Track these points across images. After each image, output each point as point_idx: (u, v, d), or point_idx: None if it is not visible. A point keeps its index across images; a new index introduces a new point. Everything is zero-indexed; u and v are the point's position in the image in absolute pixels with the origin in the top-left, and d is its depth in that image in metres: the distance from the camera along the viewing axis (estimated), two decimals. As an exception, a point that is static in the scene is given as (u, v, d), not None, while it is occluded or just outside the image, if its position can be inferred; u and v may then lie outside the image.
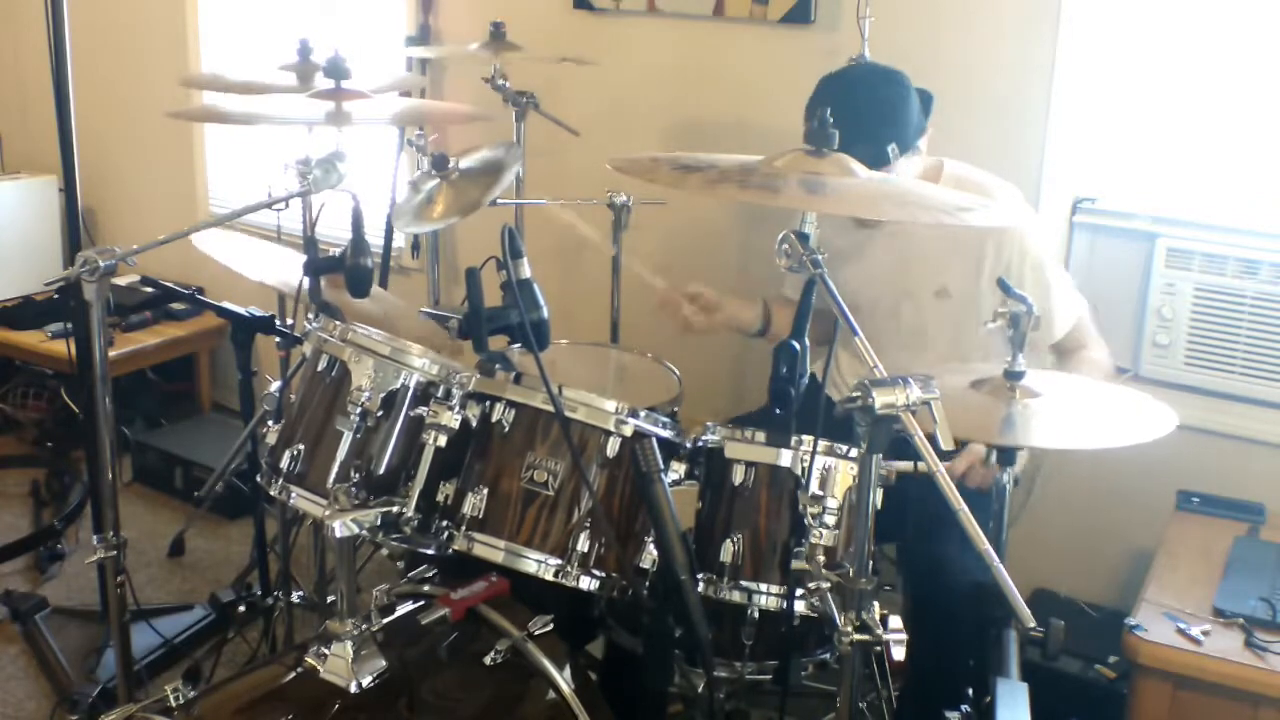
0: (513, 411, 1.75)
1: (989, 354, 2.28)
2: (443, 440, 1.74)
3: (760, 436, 1.74)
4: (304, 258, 2.07)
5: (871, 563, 1.47)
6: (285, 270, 2.33)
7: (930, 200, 1.76)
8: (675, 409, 2.20)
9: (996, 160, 2.47)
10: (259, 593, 2.72)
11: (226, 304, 2.42)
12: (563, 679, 1.78)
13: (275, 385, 2.00)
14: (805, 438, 1.71)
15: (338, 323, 1.84)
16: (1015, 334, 1.79)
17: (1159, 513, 2.58)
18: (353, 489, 1.71)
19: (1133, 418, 1.79)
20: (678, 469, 1.76)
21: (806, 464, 1.70)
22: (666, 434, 1.76)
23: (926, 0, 2.76)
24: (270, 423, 1.89)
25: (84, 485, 3.45)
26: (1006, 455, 1.97)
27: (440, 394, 1.77)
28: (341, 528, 1.65)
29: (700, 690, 1.83)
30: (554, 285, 1.85)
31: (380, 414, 1.76)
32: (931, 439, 1.36)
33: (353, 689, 1.66)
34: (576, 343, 2.61)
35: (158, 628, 2.78)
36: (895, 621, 1.48)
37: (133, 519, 3.48)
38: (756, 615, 1.72)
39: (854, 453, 1.70)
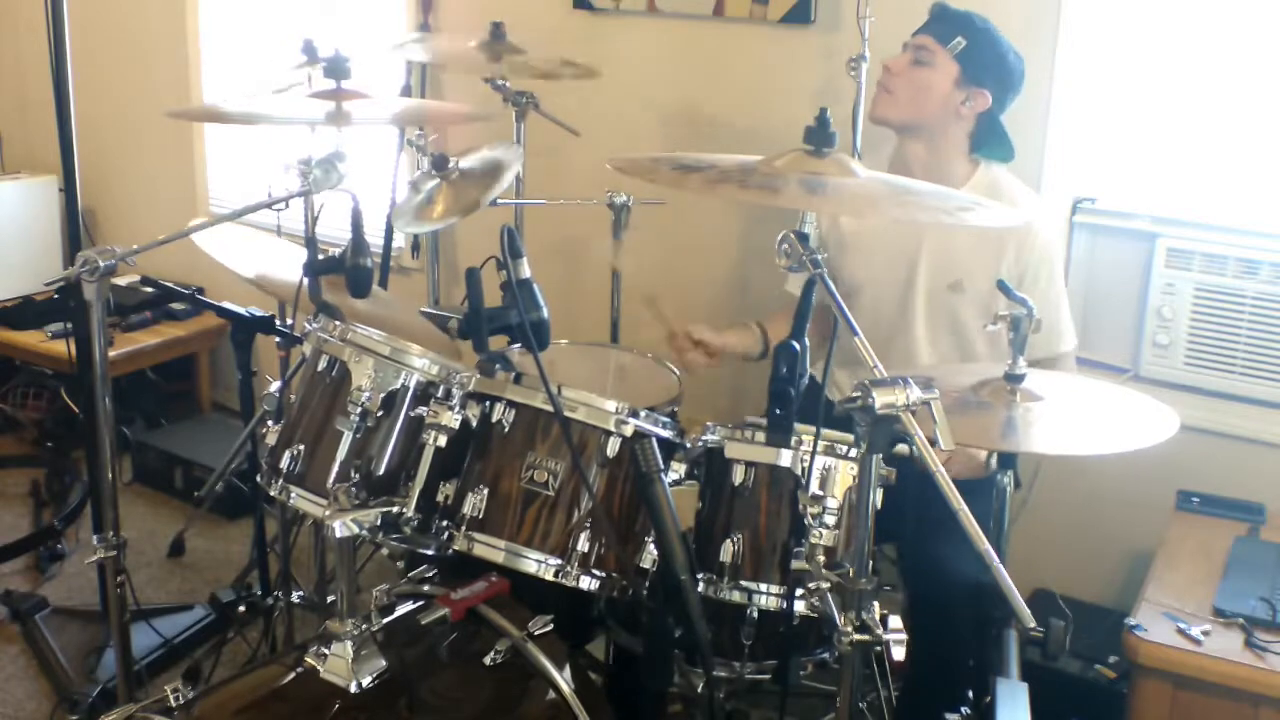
0: (513, 411, 1.75)
1: (991, 353, 2.28)
2: (443, 440, 1.74)
3: (760, 436, 1.74)
4: (304, 257, 2.07)
5: (871, 563, 1.47)
6: (285, 267, 2.33)
7: (928, 200, 1.76)
8: (675, 409, 2.20)
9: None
10: (259, 593, 2.72)
11: (226, 304, 2.42)
12: (563, 679, 1.78)
13: (275, 385, 2.00)
14: (805, 437, 1.71)
15: (338, 323, 1.84)
16: (1016, 337, 1.78)
17: (1159, 513, 2.58)
18: (353, 489, 1.71)
19: (1134, 421, 1.79)
20: (678, 469, 1.76)
21: (806, 464, 1.70)
22: (666, 434, 1.76)
23: (927, 1, 2.75)
24: (270, 423, 1.89)
25: (84, 485, 3.45)
26: (1006, 457, 1.97)
27: (440, 394, 1.77)
28: (341, 528, 1.65)
29: (700, 690, 1.83)
30: (554, 285, 1.85)
31: (380, 414, 1.76)
32: (931, 439, 1.36)
33: (353, 689, 1.66)
34: (576, 343, 2.61)
35: (158, 628, 2.78)
36: (895, 621, 1.48)
37: (133, 519, 3.48)
38: (756, 615, 1.72)
39: (854, 453, 1.70)
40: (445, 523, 1.75)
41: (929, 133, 2.35)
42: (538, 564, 1.71)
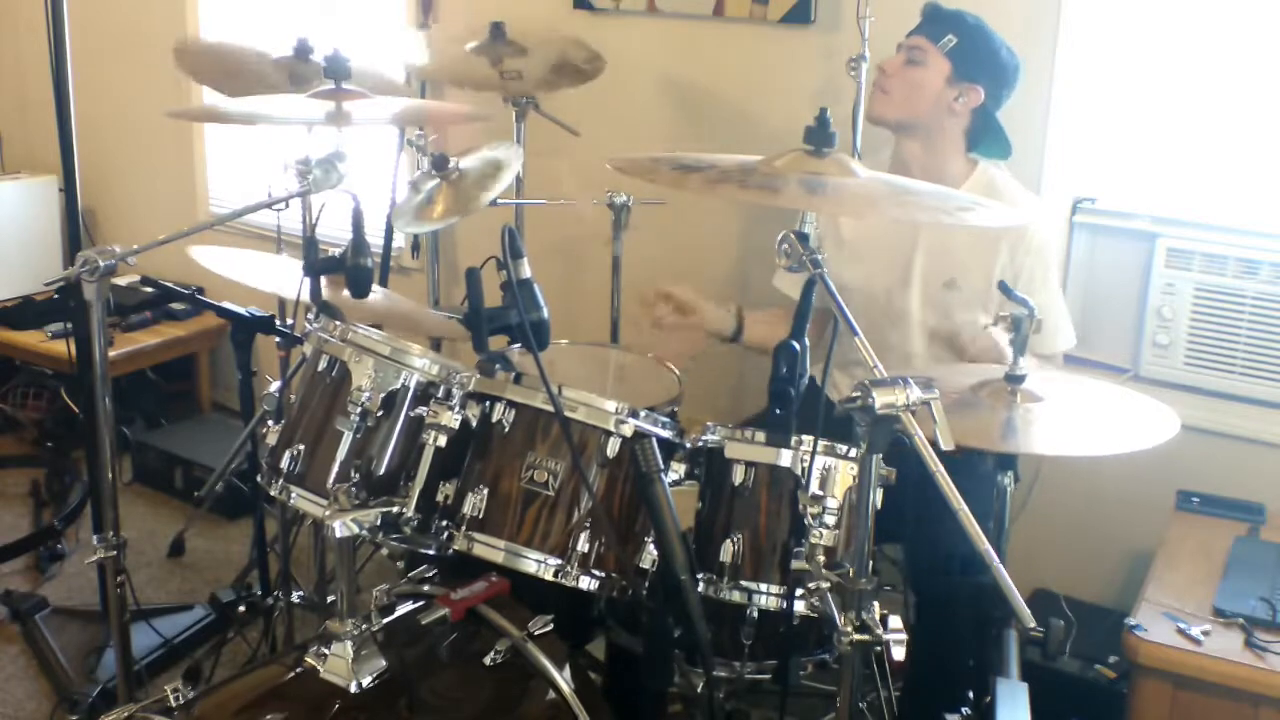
0: (513, 411, 1.74)
1: (985, 352, 2.29)
2: (443, 440, 1.74)
3: (760, 436, 1.74)
4: (304, 261, 2.07)
5: (871, 563, 1.47)
6: (286, 278, 2.33)
7: (928, 200, 1.76)
8: (675, 409, 2.19)
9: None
10: (259, 593, 2.71)
11: (226, 304, 2.42)
12: (563, 679, 1.78)
13: (275, 385, 2.00)
14: (805, 438, 1.71)
15: (338, 323, 1.84)
16: (1017, 337, 1.78)
17: (1159, 513, 2.58)
18: (353, 489, 1.71)
19: (1135, 422, 1.79)
20: (678, 469, 1.76)
21: (806, 464, 1.70)
22: (666, 434, 1.76)
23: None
24: (270, 423, 1.89)
25: (84, 485, 3.45)
26: (1005, 457, 1.97)
27: (440, 394, 1.76)
28: (341, 528, 1.65)
29: (700, 690, 1.83)
30: (554, 285, 1.85)
31: (380, 414, 1.76)
32: (931, 439, 1.36)
33: (353, 689, 1.66)
34: (576, 343, 2.61)
35: (158, 628, 2.78)
36: (895, 621, 1.48)
37: (133, 519, 3.48)
38: (756, 615, 1.72)
39: (854, 453, 1.70)
40: (445, 523, 1.75)
41: (925, 131, 2.35)
42: (538, 564, 1.71)
